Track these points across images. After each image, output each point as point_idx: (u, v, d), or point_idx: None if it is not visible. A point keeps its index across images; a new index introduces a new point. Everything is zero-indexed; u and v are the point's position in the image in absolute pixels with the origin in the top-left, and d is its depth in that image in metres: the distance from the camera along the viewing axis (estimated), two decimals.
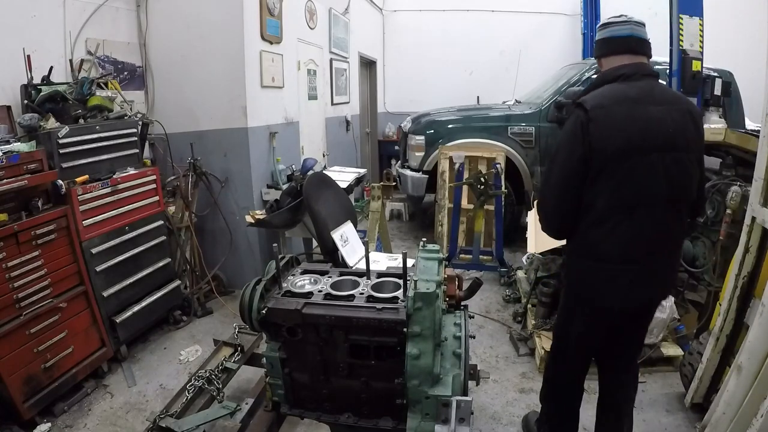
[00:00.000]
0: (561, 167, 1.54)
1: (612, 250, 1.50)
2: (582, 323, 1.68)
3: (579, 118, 1.48)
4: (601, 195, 1.47)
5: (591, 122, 1.45)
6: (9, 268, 2.11)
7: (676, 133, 1.48)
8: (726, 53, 5.09)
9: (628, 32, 1.59)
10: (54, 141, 2.38)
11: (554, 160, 1.59)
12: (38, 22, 2.71)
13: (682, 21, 4.01)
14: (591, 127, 1.45)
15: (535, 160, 4.67)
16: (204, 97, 3.48)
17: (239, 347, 2.43)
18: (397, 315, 1.33)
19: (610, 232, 1.49)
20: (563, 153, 1.53)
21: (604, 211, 1.48)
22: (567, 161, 1.51)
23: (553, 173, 1.57)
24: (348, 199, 2.95)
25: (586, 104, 1.48)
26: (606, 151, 1.44)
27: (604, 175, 1.46)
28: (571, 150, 1.49)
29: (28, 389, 2.19)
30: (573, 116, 1.50)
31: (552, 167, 1.58)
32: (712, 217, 2.83)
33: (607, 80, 1.56)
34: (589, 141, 1.45)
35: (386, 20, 7.69)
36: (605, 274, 1.53)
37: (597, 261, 1.53)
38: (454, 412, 1.24)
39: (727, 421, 1.83)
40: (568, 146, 1.51)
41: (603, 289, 1.55)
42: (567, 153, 1.51)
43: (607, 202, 1.48)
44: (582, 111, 1.48)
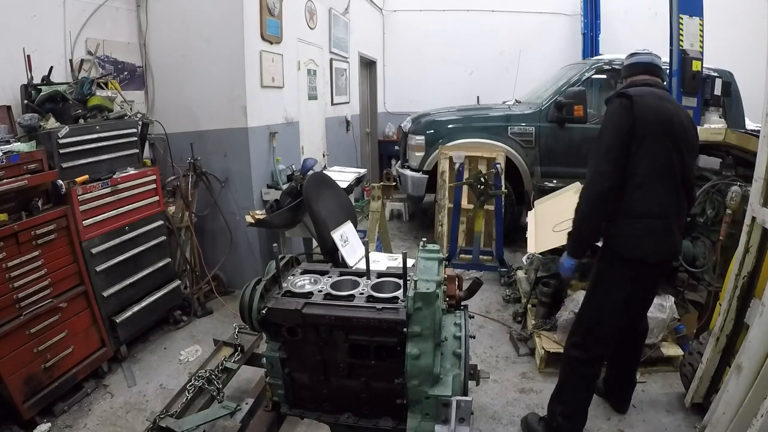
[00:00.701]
0: (612, 137, 1.84)
1: (652, 207, 1.84)
2: (626, 287, 1.94)
3: (623, 102, 1.84)
4: (641, 163, 1.81)
5: (634, 104, 1.81)
6: (9, 268, 2.11)
7: (685, 128, 1.89)
8: (726, 53, 5.09)
9: (650, 59, 2.03)
10: (54, 141, 2.38)
11: (603, 136, 1.87)
12: (38, 22, 2.71)
13: (682, 21, 4.01)
14: (635, 107, 1.81)
15: (535, 160, 4.67)
16: (204, 97, 3.48)
17: (239, 347, 2.43)
18: (397, 315, 1.33)
19: (649, 191, 1.82)
20: (612, 127, 1.85)
21: (644, 177, 1.81)
22: (617, 131, 1.83)
23: (604, 144, 1.85)
24: (348, 199, 2.95)
25: (629, 92, 1.85)
26: (646, 125, 1.80)
27: (644, 146, 1.80)
28: (620, 124, 1.82)
29: (28, 389, 2.19)
30: (617, 102, 1.86)
31: (602, 141, 1.87)
32: (712, 217, 2.83)
33: (635, 86, 1.95)
34: (634, 117, 1.80)
35: (386, 20, 7.69)
36: (646, 229, 1.84)
37: (639, 218, 1.84)
38: (454, 412, 1.24)
39: (727, 421, 1.83)
40: (617, 121, 1.83)
41: (646, 243, 1.85)
42: (617, 126, 1.83)
43: (646, 169, 1.81)
44: (625, 98, 1.84)
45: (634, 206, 1.84)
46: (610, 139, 1.84)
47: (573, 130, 4.57)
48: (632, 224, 1.85)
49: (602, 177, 1.83)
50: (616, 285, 1.94)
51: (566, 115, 4.45)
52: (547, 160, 4.65)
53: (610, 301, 1.97)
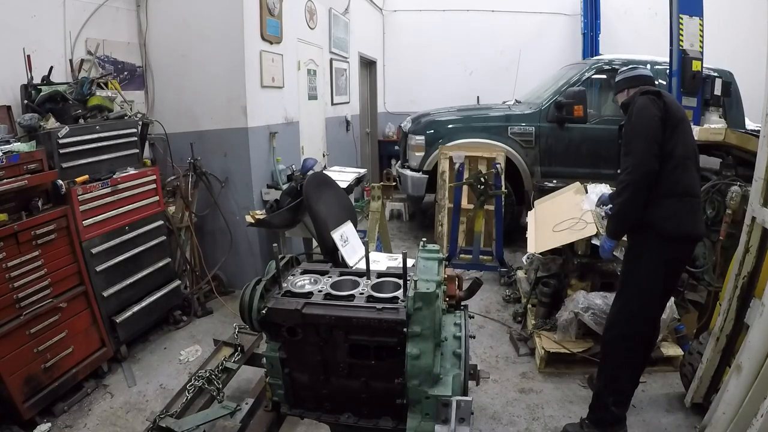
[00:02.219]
0: (650, 126, 1.95)
1: (690, 185, 1.99)
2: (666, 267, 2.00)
3: (651, 98, 1.99)
4: (677, 146, 1.96)
5: (662, 98, 2.00)
6: (9, 268, 2.11)
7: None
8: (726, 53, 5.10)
9: (649, 73, 2.23)
10: (54, 141, 2.38)
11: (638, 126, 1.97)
12: (38, 22, 2.71)
13: (682, 21, 4.01)
14: (664, 101, 1.99)
15: (535, 160, 4.67)
16: (204, 97, 3.48)
17: (239, 347, 2.43)
18: (397, 315, 1.33)
19: (686, 172, 1.97)
20: (648, 118, 1.96)
21: (679, 158, 1.96)
22: (653, 121, 1.95)
23: (643, 132, 1.96)
24: (348, 199, 2.95)
25: (654, 90, 2.04)
26: (676, 114, 1.99)
27: (677, 132, 1.97)
28: (653, 115, 1.96)
29: (28, 389, 2.18)
30: (645, 98, 2.00)
31: (639, 131, 1.97)
32: (712, 217, 2.83)
33: (647, 90, 2.07)
34: (665, 108, 1.97)
35: (386, 20, 7.69)
36: (688, 207, 1.97)
37: (681, 196, 1.97)
38: (454, 412, 1.24)
39: (727, 421, 1.83)
40: (651, 113, 1.96)
41: (692, 219, 1.98)
42: (651, 116, 1.96)
43: (681, 151, 1.96)
44: (653, 94, 2.00)
45: (677, 186, 1.96)
46: (648, 128, 1.96)
47: (573, 130, 4.57)
48: (677, 203, 1.96)
49: (647, 161, 1.93)
50: (657, 267, 2.00)
51: (566, 115, 4.45)
52: (547, 160, 4.66)
53: (653, 283, 2.01)
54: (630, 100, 2.10)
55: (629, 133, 1.99)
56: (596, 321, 2.61)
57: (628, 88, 2.20)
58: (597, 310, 2.60)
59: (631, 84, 2.20)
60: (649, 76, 2.21)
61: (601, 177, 3.80)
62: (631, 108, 2.02)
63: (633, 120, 1.99)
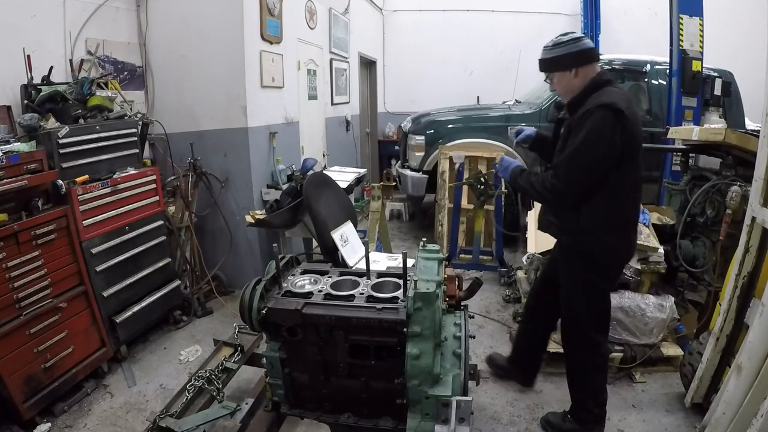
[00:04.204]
0: (601, 156, 1.80)
1: (633, 215, 1.99)
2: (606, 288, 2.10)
3: (613, 118, 1.76)
4: (628, 175, 1.87)
5: (626, 120, 1.77)
6: (9, 268, 2.11)
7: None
8: (726, 53, 5.10)
9: (592, 44, 1.97)
10: (54, 141, 2.38)
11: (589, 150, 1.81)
12: (38, 22, 2.71)
13: (682, 21, 4.02)
14: (626, 124, 1.78)
15: (535, 160, 4.66)
16: (204, 97, 3.48)
17: (239, 347, 2.43)
18: (397, 315, 1.33)
19: (631, 201, 1.95)
20: (603, 146, 1.78)
21: (628, 189, 1.90)
22: (609, 151, 1.79)
23: (587, 157, 1.81)
24: (348, 199, 2.95)
25: (618, 106, 1.77)
26: (635, 143, 1.84)
27: (632, 162, 1.85)
28: (611, 143, 1.77)
29: (28, 389, 2.18)
30: (606, 116, 1.76)
31: (586, 151, 1.81)
32: (712, 217, 2.83)
33: (600, 84, 1.90)
34: (625, 136, 1.78)
35: (386, 20, 7.69)
36: (627, 236, 2.00)
37: (623, 225, 1.96)
38: (454, 412, 1.24)
39: (727, 421, 1.83)
40: (610, 141, 1.77)
41: (627, 247, 2.03)
42: (609, 145, 1.78)
43: (631, 182, 1.90)
44: (614, 112, 1.76)
45: (616, 217, 1.91)
46: (596, 160, 1.80)
47: None
48: (617, 234, 1.95)
49: (575, 188, 1.86)
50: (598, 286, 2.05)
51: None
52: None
53: (603, 299, 2.09)
54: (579, 99, 1.89)
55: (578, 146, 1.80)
56: None
57: (576, 67, 1.90)
58: None
59: (580, 60, 1.89)
60: (592, 48, 1.93)
61: None
62: (587, 119, 1.78)
63: (586, 136, 1.78)
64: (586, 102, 1.86)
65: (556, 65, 1.94)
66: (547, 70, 1.99)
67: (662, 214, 3.34)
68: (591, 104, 1.81)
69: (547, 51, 1.96)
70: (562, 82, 1.95)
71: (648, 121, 4.61)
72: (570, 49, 1.90)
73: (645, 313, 2.60)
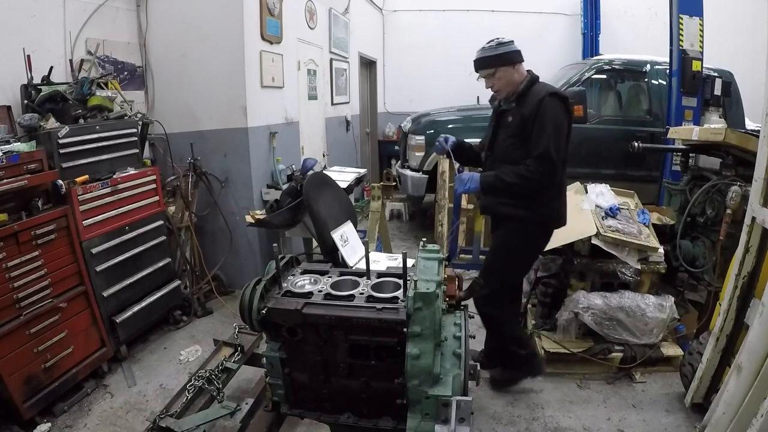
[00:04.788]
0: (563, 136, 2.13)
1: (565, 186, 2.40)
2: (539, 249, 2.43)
3: (562, 104, 2.12)
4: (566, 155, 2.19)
5: (569, 105, 2.15)
6: (9, 268, 2.11)
7: None
8: (726, 53, 5.10)
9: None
10: (54, 141, 2.38)
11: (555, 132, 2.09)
12: (38, 22, 2.71)
13: (682, 21, 4.02)
14: (569, 108, 2.15)
15: None
16: (204, 97, 3.48)
17: (239, 347, 2.43)
18: (397, 315, 1.33)
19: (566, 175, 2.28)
20: (563, 127, 2.13)
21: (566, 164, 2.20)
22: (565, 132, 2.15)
23: (560, 137, 2.11)
24: (348, 199, 2.94)
25: (563, 93, 2.16)
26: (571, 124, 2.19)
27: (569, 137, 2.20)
28: (564, 125, 2.14)
29: (28, 389, 2.18)
30: (558, 102, 2.11)
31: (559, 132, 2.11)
32: (712, 217, 2.83)
33: (535, 79, 2.24)
34: (569, 119, 2.15)
35: (386, 20, 7.68)
36: (564, 204, 2.33)
37: (563, 196, 2.32)
38: (454, 412, 1.24)
39: (727, 421, 1.83)
40: (564, 123, 2.13)
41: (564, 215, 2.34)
42: (564, 127, 2.14)
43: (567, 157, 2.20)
44: (562, 99, 2.13)
45: (561, 189, 2.31)
46: (564, 140, 2.14)
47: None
48: (560, 203, 2.30)
49: (560, 172, 2.14)
50: (534, 248, 2.39)
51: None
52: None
53: (527, 262, 2.45)
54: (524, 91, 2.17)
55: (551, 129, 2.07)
56: (596, 321, 2.61)
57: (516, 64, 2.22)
58: (597, 310, 2.60)
59: (518, 58, 2.23)
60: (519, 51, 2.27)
61: (601, 177, 3.80)
62: (543, 107, 2.07)
63: (553, 121, 2.08)
64: (530, 93, 2.15)
65: (503, 61, 2.20)
66: (493, 66, 2.21)
67: (662, 214, 3.34)
68: (539, 94, 2.10)
69: (491, 50, 2.21)
70: (506, 76, 2.21)
71: (648, 121, 4.62)
72: (511, 48, 2.22)
73: (645, 313, 2.60)
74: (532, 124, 2.10)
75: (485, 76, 2.26)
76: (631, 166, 4.52)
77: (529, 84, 2.19)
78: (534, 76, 2.24)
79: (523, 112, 2.14)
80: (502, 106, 2.32)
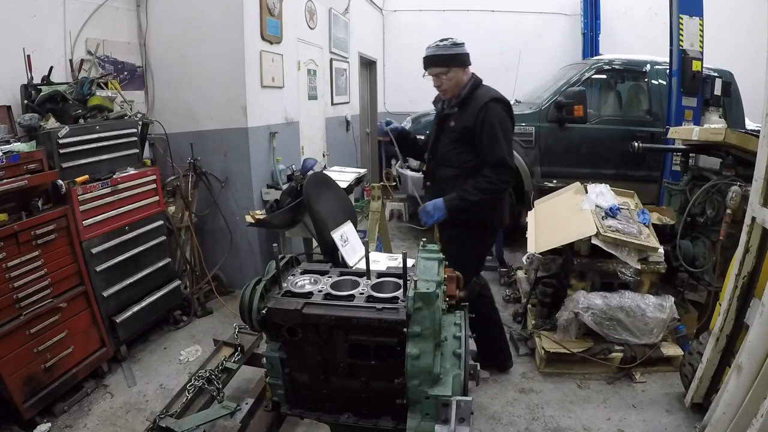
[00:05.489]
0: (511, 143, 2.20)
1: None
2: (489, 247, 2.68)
3: (505, 108, 2.17)
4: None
5: (510, 110, 2.20)
6: (9, 268, 2.11)
7: None
8: (726, 53, 5.10)
9: None
10: (54, 141, 2.38)
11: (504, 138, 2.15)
12: (38, 22, 2.71)
13: (682, 21, 4.02)
14: (510, 113, 2.20)
15: (535, 160, 4.67)
16: (204, 97, 3.48)
17: (239, 347, 2.43)
18: (397, 315, 1.33)
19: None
20: (510, 132, 2.19)
21: None
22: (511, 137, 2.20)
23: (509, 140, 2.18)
24: (348, 199, 2.94)
25: (505, 99, 2.21)
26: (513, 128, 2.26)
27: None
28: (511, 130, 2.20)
29: (28, 389, 2.18)
30: (501, 107, 2.16)
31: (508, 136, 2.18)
32: (712, 217, 2.83)
33: (479, 82, 2.26)
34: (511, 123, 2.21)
35: (386, 20, 7.69)
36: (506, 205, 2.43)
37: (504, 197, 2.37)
38: (454, 412, 1.24)
39: (727, 421, 1.83)
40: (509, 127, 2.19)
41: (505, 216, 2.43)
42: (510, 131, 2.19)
43: None
44: (505, 104, 2.19)
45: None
46: (511, 143, 2.18)
47: (573, 130, 4.57)
48: (503, 204, 2.38)
49: (514, 176, 2.21)
50: (482, 251, 2.47)
51: (566, 115, 4.45)
52: (547, 160, 4.65)
53: (476, 263, 2.46)
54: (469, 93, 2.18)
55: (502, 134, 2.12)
56: (596, 321, 2.61)
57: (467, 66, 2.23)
58: (597, 310, 2.60)
59: (468, 61, 2.23)
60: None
61: (601, 177, 3.80)
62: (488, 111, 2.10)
63: (501, 125, 2.12)
64: (473, 98, 2.17)
65: (456, 61, 2.19)
66: (447, 65, 2.19)
67: (662, 214, 3.34)
68: (482, 99, 2.13)
69: (446, 48, 2.19)
70: (457, 77, 2.20)
71: (648, 121, 4.62)
72: (464, 50, 2.21)
73: (645, 313, 2.60)
74: (479, 132, 2.11)
75: (436, 74, 2.24)
76: (631, 166, 4.53)
77: (472, 88, 2.20)
78: (477, 79, 2.25)
79: (466, 120, 2.15)
80: (445, 109, 2.31)
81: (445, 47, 2.21)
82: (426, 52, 2.24)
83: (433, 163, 2.37)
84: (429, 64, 2.24)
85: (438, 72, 2.22)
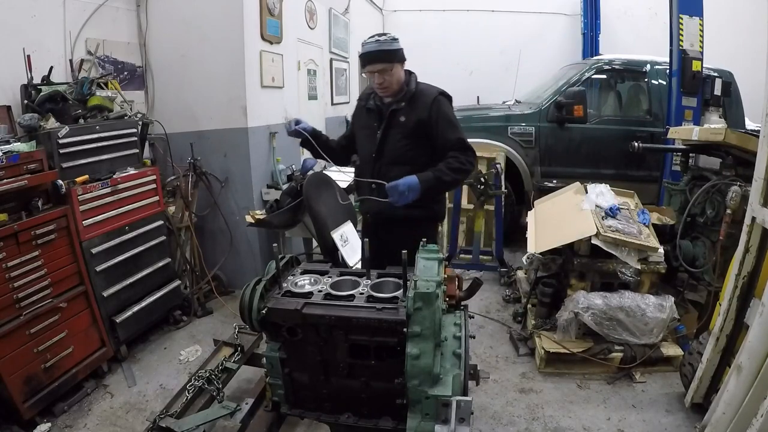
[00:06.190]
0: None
1: None
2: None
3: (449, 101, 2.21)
4: None
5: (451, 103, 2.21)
6: (9, 268, 2.11)
7: None
8: (726, 53, 5.09)
9: None
10: (54, 141, 2.38)
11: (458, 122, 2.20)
12: (38, 22, 2.71)
13: (682, 21, 4.02)
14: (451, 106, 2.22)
15: (535, 160, 4.67)
16: (204, 97, 3.48)
17: (239, 347, 2.43)
18: (397, 315, 1.33)
19: None
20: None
21: None
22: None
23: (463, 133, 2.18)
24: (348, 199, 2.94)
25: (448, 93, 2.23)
26: None
27: None
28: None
29: (28, 389, 2.18)
30: (447, 100, 2.19)
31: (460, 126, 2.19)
32: (712, 217, 2.83)
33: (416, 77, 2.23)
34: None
35: (386, 20, 7.68)
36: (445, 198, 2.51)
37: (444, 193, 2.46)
38: (454, 412, 1.24)
39: (727, 421, 1.83)
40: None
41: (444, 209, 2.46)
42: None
43: None
44: (449, 97, 2.21)
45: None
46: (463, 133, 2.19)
47: (573, 130, 4.57)
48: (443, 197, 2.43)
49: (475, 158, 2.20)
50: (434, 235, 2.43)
51: (566, 115, 4.45)
52: (547, 160, 4.65)
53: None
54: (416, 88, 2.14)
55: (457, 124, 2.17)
56: (596, 321, 2.61)
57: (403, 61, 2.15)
58: (597, 310, 2.60)
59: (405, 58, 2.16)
60: None
61: (601, 177, 3.80)
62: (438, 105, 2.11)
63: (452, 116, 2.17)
64: (420, 90, 2.15)
65: (399, 56, 2.12)
66: (392, 61, 2.09)
67: (662, 214, 3.34)
68: (431, 94, 2.14)
69: (389, 43, 2.08)
70: (398, 73, 2.12)
71: (648, 121, 4.62)
72: (401, 46, 2.13)
73: (645, 313, 2.60)
74: (435, 122, 2.10)
75: (379, 71, 2.08)
76: (631, 166, 4.53)
77: (417, 83, 2.19)
78: (414, 74, 2.22)
79: (419, 113, 2.10)
80: (391, 105, 2.15)
81: (387, 42, 2.08)
82: (366, 48, 2.08)
83: (380, 163, 2.16)
84: (373, 60, 2.07)
85: (382, 68, 2.07)
